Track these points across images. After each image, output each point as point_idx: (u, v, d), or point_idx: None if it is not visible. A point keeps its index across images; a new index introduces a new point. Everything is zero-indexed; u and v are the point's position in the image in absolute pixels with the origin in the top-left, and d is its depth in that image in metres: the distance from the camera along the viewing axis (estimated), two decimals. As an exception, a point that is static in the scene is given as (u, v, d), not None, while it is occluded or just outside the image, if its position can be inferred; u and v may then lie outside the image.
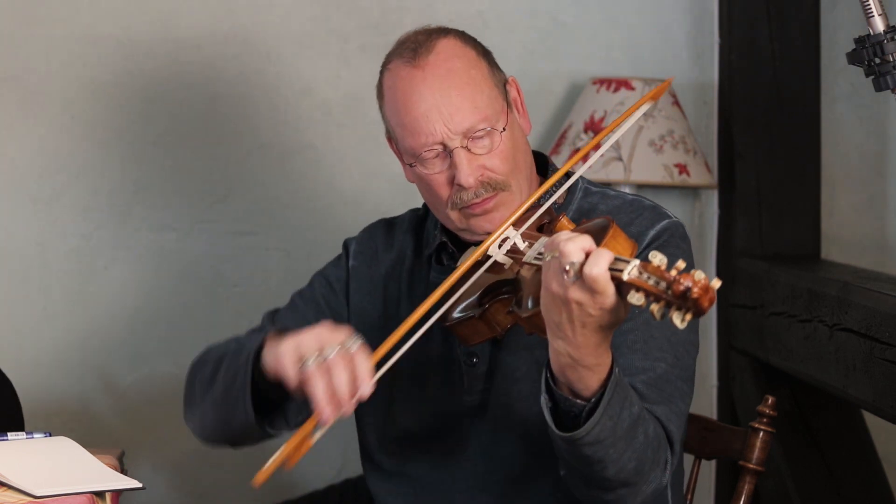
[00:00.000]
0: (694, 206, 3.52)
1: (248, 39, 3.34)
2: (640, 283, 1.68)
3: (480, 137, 2.12)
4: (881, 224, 3.51)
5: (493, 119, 2.13)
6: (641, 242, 2.13)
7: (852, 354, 2.67)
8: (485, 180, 2.13)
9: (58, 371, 3.29)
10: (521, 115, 2.23)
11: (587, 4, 3.46)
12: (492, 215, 2.14)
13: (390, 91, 2.18)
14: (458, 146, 2.11)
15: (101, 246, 3.30)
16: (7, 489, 2.01)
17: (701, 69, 3.50)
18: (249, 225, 3.36)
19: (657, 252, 1.69)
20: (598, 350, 1.82)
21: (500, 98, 2.17)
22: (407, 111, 2.14)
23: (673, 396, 2.05)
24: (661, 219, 2.17)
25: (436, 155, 2.14)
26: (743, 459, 2.35)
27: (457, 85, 2.12)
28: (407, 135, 2.15)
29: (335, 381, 1.86)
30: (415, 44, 2.17)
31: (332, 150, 3.38)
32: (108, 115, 3.29)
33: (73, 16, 3.27)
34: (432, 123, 2.11)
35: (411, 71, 2.14)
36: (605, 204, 2.21)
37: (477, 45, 2.21)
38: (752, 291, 3.26)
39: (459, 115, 2.11)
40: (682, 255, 2.12)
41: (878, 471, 3.08)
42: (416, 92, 2.13)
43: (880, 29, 2.02)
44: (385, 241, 2.35)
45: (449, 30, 2.21)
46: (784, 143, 3.38)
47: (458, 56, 2.16)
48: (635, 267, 1.70)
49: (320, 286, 2.35)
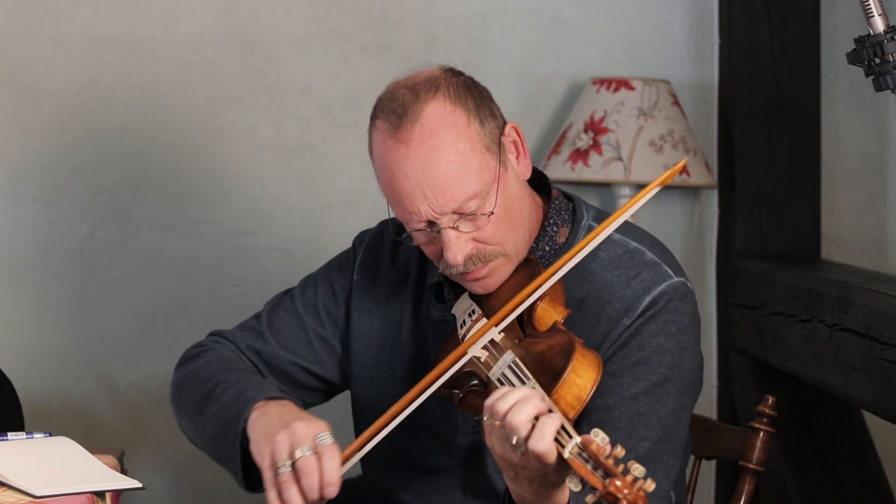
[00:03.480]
0: (694, 206, 3.52)
1: (248, 39, 3.34)
2: (578, 466, 1.69)
3: (470, 214, 2.03)
4: (881, 224, 3.50)
5: (483, 193, 2.02)
6: (634, 310, 2.06)
7: (852, 354, 2.67)
8: (474, 254, 2.05)
9: (58, 371, 3.29)
10: (521, 159, 2.11)
11: (587, 4, 3.46)
12: (485, 282, 2.08)
13: (377, 156, 2.08)
14: (446, 226, 2.03)
15: (101, 246, 3.30)
16: (7, 489, 2.01)
17: (701, 69, 3.50)
18: (249, 225, 3.36)
19: (599, 430, 1.70)
20: (551, 496, 1.84)
21: (491, 164, 2.04)
22: (392, 187, 2.04)
23: (656, 475, 1.98)
24: (659, 282, 2.08)
25: (424, 228, 2.06)
26: (743, 459, 2.35)
27: (443, 163, 2.00)
28: (394, 205, 2.07)
29: (304, 485, 1.96)
30: (402, 107, 2.03)
31: (332, 150, 3.38)
32: (108, 115, 3.29)
33: (73, 16, 3.27)
34: (416, 204, 2.02)
35: (395, 145, 2.03)
36: (606, 251, 2.11)
37: (468, 102, 2.05)
38: (752, 291, 3.26)
39: (445, 196, 2.01)
40: (680, 319, 2.07)
41: (878, 471, 3.08)
42: (400, 170, 2.02)
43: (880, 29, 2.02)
44: (391, 254, 2.29)
45: (440, 83, 2.05)
46: (784, 143, 3.38)
47: (444, 127, 2.01)
48: (576, 445, 1.70)
49: (324, 292, 2.31)
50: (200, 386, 2.20)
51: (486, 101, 2.08)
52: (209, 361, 2.25)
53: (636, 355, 2.04)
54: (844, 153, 3.50)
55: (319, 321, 2.30)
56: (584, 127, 3.31)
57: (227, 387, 2.15)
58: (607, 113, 3.30)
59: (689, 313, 2.09)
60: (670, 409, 2.04)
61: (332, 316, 2.30)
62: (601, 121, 3.30)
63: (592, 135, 3.29)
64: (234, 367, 2.22)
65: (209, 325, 3.32)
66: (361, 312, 2.28)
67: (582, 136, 3.30)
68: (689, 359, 2.07)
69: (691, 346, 2.09)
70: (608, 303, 2.07)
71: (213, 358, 2.25)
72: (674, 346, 2.06)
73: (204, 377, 2.21)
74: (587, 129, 3.31)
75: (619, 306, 2.07)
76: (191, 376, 2.24)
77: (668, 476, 2.04)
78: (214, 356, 2.26)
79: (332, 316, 2.30)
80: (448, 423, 2.18)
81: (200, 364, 2.25)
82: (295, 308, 2.32)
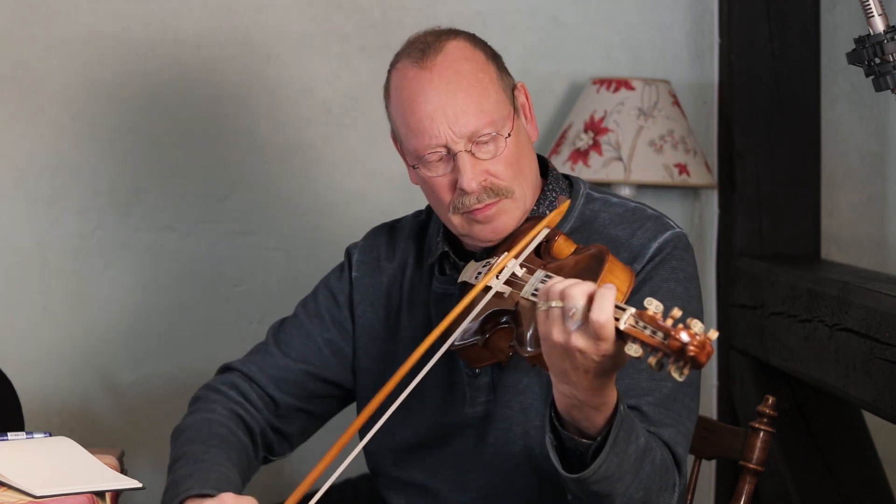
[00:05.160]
0: (694, 206, 3.52)
1: (248, 39, 3.34)
2: (637, 333, 1.69)
3: (485, 142, 2.10)
4: (881, 224, 3.50)
5: (498, 124, 2.11)
6: (643, 256, 2.11)
7: (852, 354, 2.67)
8: (488, 186, 2.11)
9: (58, 371, 3.29)
10: (529, 122, 2.21)
11: (587, 4, 3.46)
12: (494, 224, 2.13)
13: (396, 91, 2.16)
14: (462, 150, 2.09)
15: (101, 246, 3.30)
16: (7, 489, 2.01)
17: (701, 69, 3.50)
18: (249, 225, 3.36)
19: (652, 299, 1.71)
20: (602, 391, 1.83)
21: (507, 103, 2.15)
22: (412, 112, 2.12)
23: (681, 416, 2.05)
24: (663, 230, 2.14)
25: (439, 158, 2.11)
26: (743, 459, 2.35)
27: (463, 87, 2.10)
28: (411, 136, 2.13)
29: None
30: (423, 44, 2.15)
31: (332, 150, 3.38)
32: (108, 115, 3.29)
33: (73, 16, 3.27)
34: (437, 125, 2.09)
35: (418, 72, 2.12)
36: (607, 211, 2.19)
37: (486, 49, 2.18)
38: (752, 291, 3.26)
39: (464, 118, 2.09)
40: (685, 267, 2.12)
41: (878, 471, 3.08)
42: (422, 93, 2.11)
43: (880, 29, 2.02)
44: (387, 248, 2.33)
45: (459, 31, 2.19)
46: (784, 143, 3.38)
47: (466, 58, 2.13)
48: (631, 315, 1.71)
49: (325, 299, 2.34)
50: (176, 448, 2.23)
51: (500, 59, 2.20)
52: (195, 423, 2.26)
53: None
54: (844, 153, 3.50)
55: (325, 326, 2.32)
56: (584, 127, 3.31)
57: (184, 462, 2.17)
58: (607, 113, 3.30)
59: (692, 264, 2.15)
60: None
61: (337, 319, 2.32)
62: (601, 121, 3.30)
63: (592, 135, 3.29)
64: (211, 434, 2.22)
65: (209, 325, 3.34)
66: (364, 306, 2.31)
67: (582, 136, 3.30)
68: (696, 309, 2.12)
69: (696, 297, 2.14)
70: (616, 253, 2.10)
71: (200, 419, 2.27)
72: (683, 293, 2.10)
73: (182, 441, 2.23)
74: (587, 129, 3.31)
75: (626, 255, 2.11)
76: (179, 432, 2.27)
77: (690, 419, 2.08)
78: (202, 417, 2.27)
79: (337, 319, 2.32)
80: (455, 396, 2.19)
81: (189, 423, 2.27)
82: (299, 321, 2.34)
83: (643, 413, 2.03)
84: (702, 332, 1.66)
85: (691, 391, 2.09)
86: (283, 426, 2.32)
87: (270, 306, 3.32)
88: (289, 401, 2.30)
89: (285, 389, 2.30)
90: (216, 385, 2.33)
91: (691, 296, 2.12)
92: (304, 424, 2.35)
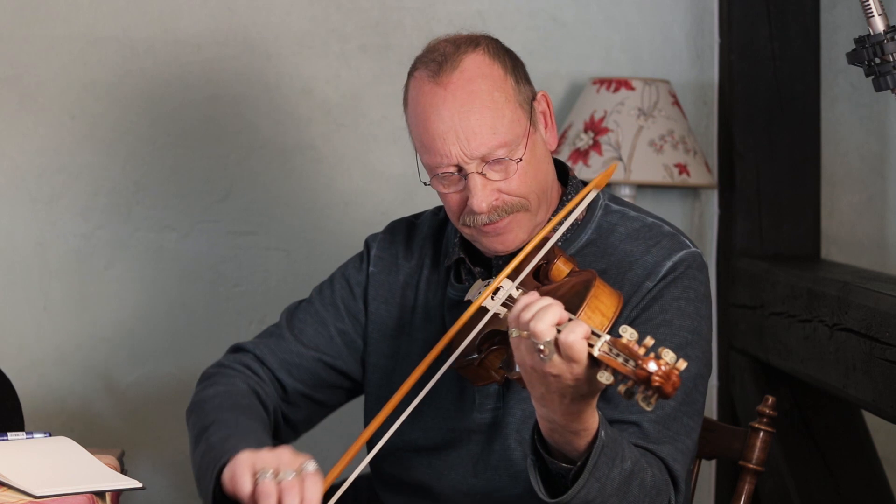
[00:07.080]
0: (694, 206, 3.52)
1: (248, 39, 3.34)
2: (609, 360, 1.69)
3: (497, 163, 2.10)
4: (881, 224, 3.50)
5: (512, 144, 2.10)
6: (656, 274, 2.11)
7: (852, 354, 2.67)
8: (499, 205, 2.11)
9: (58, 371, 3.29)
10: (549, 130, 2.20)
11: (587, 4, 3.46)
12: (503, 237, 2.13)
13: (413, 102, 2.15)
14: (474, 171, 2.09)
15: (101, 246, 3.30)
16: (7, 489, 2.01)
17: (701, 69, 3.50)
18: (249, 225, 3.36)
19: (627, 326, 1.70)
20: (580, 416, 1.83)
21: (523, 119, 2.13)
22: (425, 129, 2.11)
23: (679, 434, 2.05)
24: (678, 249, 2.14)
25: (451, 175, 2.11)
26: (743, 459, 2.35)
27: (477, 108, 2.08)
28: (424, 151, 2.13)
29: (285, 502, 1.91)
30: (442, 56, 2.12)
31: (332, 150, 3.38)
32: (108, 115, 3.29)
33: (73, 16, 3.27)
34: (448, 146, 2.09)
35: (433, 87, 2.10)
36: (623, 225, 2.19)
37: (506, 60, 2.15)
38: (752, 291, 3.26)
39: (476, 141, 2.08)
40: (697, 286, 2.12)
41: (878, 471, 3.08)
42: (436, 111, 2.09)
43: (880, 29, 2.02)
44: (406, 247, 2.34)
45: (480, 41, 2.15)
46: (784, 143, 3.38)
47: (483, 76, 2.11)
48: (605, 342, 1.70)
49: (341, 288, 2.35)
50: (202, 419, 2.21)
51: (521, 67, 2.18)
52: (217, 394, 2.25)
53: (659, 317, 2.09)
54: (844, 153, 3.50)
55: (339, 316, 2.33)
56: (584, 127, 3.31)
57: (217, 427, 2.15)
58: (607, 113, 3.30)
59: (705, 284, 2.14)
60: (691, 373, 2.08)
61: (351, 310, 2.33)
62: (601, 121, 3.30)
63: (592, 135, 3.29)
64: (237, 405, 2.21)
65: (209, 324, 3.34)
66: (378, 303, 2.32)
67: (582, 136, 3.30)
68: (706, 329, 2.12)
69: (707, 317, 2.13)
70: (629, 269, 2.12)
71: (222, 391, 2.25)
72: (693, 312, 2.10)
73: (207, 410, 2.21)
74: (587, 129, 3.31)
75: (640, 272, 2.12)
76: (199, 404, 2.25)
77: (690, 437, 2.08)
78: (223, 389, 2.26)
79: (351, 310, 2.33)
80: (465, 402, 2.19)
81: (210, 394, 2.25)
82: (314, 308, 2.35)
83: (643, 429, 2.03)
84: (671, 362, 1.66)
85: (692, 411, 2.09)
86: (289, 412, 2.33)
87: (270, 306, 3.32)
88: (298, 387, 2.31)
89: (296, 375, 2.31)
90: (230, 363, 2.32)
91: (701, 315, 2.12)
92: (309, 413, 2.35)
